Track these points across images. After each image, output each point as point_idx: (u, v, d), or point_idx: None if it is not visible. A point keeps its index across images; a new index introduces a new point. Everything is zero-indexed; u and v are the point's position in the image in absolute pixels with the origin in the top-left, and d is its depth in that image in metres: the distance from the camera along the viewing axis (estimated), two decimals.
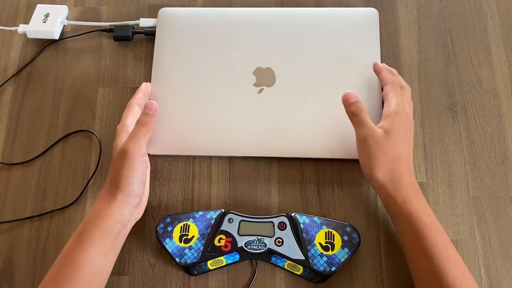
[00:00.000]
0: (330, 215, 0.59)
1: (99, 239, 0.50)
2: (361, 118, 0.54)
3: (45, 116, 0.65)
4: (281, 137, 0.60)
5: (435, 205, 0.59)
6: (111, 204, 0.51)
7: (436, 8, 0.68)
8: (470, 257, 0.56)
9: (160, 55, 0.65)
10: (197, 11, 0.67)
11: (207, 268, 0.57)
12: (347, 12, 0.66)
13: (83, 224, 0.51)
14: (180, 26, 0.66)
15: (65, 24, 0.69)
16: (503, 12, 0.68)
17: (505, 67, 0.65)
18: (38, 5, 0.69)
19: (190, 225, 0.57)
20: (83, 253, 0.49)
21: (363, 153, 0.54)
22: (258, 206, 0.60)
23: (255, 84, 0.62)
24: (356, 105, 0.54)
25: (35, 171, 0.63)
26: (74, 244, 0.50)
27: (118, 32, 0.67)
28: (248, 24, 0.65)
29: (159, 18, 0.66)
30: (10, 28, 0.69)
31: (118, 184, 0.52)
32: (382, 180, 0.52)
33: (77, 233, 0.51)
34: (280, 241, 0.55)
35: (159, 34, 0.66)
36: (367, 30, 0.64)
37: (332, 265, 0.54)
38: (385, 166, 0.52)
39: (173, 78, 0.63)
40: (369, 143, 0.53)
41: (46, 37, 0.68)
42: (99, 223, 0.50)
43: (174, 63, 0.64)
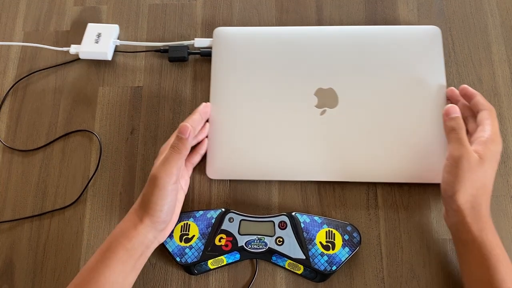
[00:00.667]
0: (331, 214, 0.59)
1: (123, 259, 0.50)
2: (460, 136, 0.52)
3: (45, 116, 0.65)
4: (345, 161, 0.58)
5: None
6: (137, 226, 0.51)
7: (436, 7, 0.68)
8: None
9: (218, 76, 0.63)
10: (253, 30, 0.65)
11: (207, 267, 0.57)
12: (409, 30, 0.64)
13: (109, 241, 0.51)
14: (237, 45, 0.64)
15: (117, 44, 0.67)
16: (503, 11, 0.68)
17: (505, 66, 0.65)
18: (89, 24, 0.67)
19: (191, 224, 0.56)
20: (106, 271, 0.49)
21: (451, 172, 0.51)
22: (258, 205, 0.60)
23: (317, 106, 0.60)
24: (457, 120, 0.53)
25: (35, 170, 0.63)
26: (99, 260, 0.50)
27: (173, 53, 0.66)
28: (306, 43, 0.63)
29: (215, 37, 0.65)
30: (61, 49, 0.67)
31: (147, 209, 0.51)
32: (463, 204, 0.50)
33: (102, 249, 0.51)
34: (281, 241, 0.55)
35: (215, 54, 0.64)
36: (430, 49, 0.62)
37: (333, 264, 0.54)
38: (470, 192, 0.50)
39: (231, 99, 0.61)
40: (462, 164, 0.50)
41: (99, 58, 0.66)
42: (124, 242, 0.50)
43: (232, 84, 0.62)
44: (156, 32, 0.69)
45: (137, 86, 0.66)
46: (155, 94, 0.66)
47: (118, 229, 0.52)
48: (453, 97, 0.60)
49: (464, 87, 0.58)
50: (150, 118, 0.64)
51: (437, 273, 0.56)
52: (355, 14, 0.69)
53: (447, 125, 0.54)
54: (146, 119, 0.64)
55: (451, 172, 0.51)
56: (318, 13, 0.69)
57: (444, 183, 0.53)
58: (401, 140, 0.58)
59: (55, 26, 0.70)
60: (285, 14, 0.69)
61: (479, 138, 0.53)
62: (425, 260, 0.57)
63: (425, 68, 0.61)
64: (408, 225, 0.58)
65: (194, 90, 0.65)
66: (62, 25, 0.70)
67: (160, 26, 0.69)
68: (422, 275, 0.56)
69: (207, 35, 0.68)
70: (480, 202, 0.51)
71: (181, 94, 0.65)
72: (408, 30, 0.64)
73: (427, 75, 0.61)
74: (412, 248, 0.57)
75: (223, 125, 0.60)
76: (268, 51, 0.63)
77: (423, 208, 0.59)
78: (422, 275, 0.56)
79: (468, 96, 0.58)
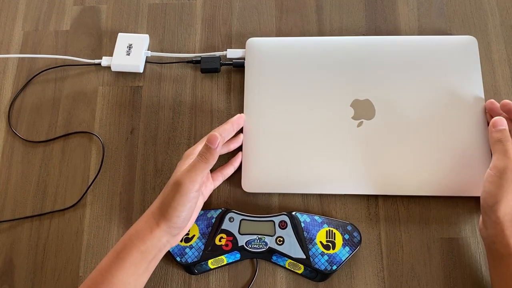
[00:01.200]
0: (331, 213, 0.59)
1: (136, 261, 0.50)
2: (506, 147, 0.52)
3: (45, 115, 0.65)
4: (383, 173, 0.58)
5: None
6: (153, 229, 0.50)
7: (436, 7, 0.68)
8: (471, 255, 0.56)
9: (251, 87, 0.62)
10: (286, 40, 0.65)
11: (207, 267, 0.56)
12: (445, 40, 0.63)
13: (123, 242, 0.51)
14: (270, 56, 0.63)
15: (148, 55, 0.67)
16: (503, 10, 0.68)
17: (505, 66, 0.65)
18: (120, 34, 0.67)
19: None
20: (119, 273, 0.49)
21: (494, 183, 0.51)
22: (258, 205, 0.60)
23: (353, 117, 0.60)
24: (504, 132, 0.53)
25: (35, 170, 0.63)
26: (112, 262, 0.50)
27: (206, 64, 0.65)
28: (341, 54, 0.63)
29: (248, 48, 0.64)
30: (93, 61, 0.66)
31: (165, 213, 0.50)
32: (503, 216, 0.50)
33: (116, 250, 0.50)
34: (281, 240, 0.55)
35: (248, 65, 0.63)
36: (467, 60, 0.62)
37: (333, 263, 0.54)
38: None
39: (266, 111, 0.61)
40: (507, 175, 0.50)
41: (131, 70, 0.66)
42: (139, 244, 0.50)
43: (266, 95, 0.61)
44: (156, 32, 0.69)
45: (137, 86, 0.66)
46: (154, 94, 0.65)
47: (133, 230, 0.51)
48: (494, 110, 0.59)
49: (507, 103, 0.58)
50: (150, 118, 0.64)
51: (437, 273, 0.56)
52: (355, 14, 0.69)
53: (493, 136, 0.54)
54: (145, 119, 0.64)
55: (494, 182, 0.51)
56: (318, 12, 0.69)
57: (486, 192, 0.52)
58: (437, 152, 0.58)
59: (55, 25, 0.70)
60: (285, 14, 0.69)
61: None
62: (426, 260, 0.57)
63: (462, 79, 0.61)
64: (409, 225, 0.58)
65: (227, 101, 0.65)
66: (62, 24, 0.70)
67: (160, 25, 0.69)
68: (422, 274, 0.56)
69: (207, 34, 0.68)
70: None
71: (215, 105, 0.65)
72: (445, 40, 0.64)
73: (464, 86, 0.61)
74: (413, 248, 0.57)
75: (258, 137, 0.60)
76: (302, 61, 0.63)
77: (423, 207, 0.59)
78: (423, 274, 0.56)
79: (506, 110, 0.57)
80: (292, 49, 0.64)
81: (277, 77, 0.62)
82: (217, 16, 0.70)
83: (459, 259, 0.56)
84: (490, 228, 0.52)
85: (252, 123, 0.61)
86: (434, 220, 0.58)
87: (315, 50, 0.64)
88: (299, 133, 0.60)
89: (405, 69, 0.62)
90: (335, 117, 0.60)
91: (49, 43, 0.69)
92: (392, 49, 0.63)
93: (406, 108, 0.60)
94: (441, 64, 0.62)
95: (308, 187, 0.59)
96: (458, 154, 0.58)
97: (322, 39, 0.65)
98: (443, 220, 0.58)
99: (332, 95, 0.61)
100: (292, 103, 0.61)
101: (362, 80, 0.62)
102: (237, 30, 0.69)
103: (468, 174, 0.56)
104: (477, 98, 0.60)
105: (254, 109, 0.61)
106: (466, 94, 0.60)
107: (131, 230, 0.51)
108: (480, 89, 0.61)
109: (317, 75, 0.62)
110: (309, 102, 0.61)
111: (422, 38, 0.65)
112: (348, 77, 0.62)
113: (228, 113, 0.64)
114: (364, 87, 0.61)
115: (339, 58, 0.63)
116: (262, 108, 0.61)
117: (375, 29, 0.68)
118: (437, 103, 0.60)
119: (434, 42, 0.64)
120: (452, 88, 0.61)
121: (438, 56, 0.62)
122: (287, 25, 0.68)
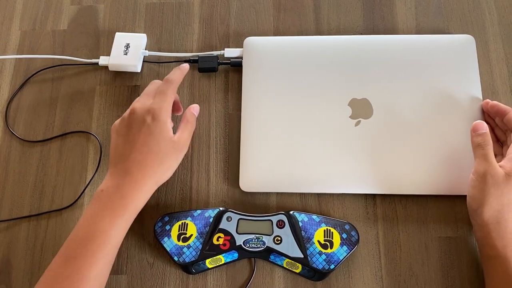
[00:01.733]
0: (329, 213, 0.59)
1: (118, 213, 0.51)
2: (486, 152, 0.52)
3: (42, 115, 0.65)
4: (382, 172, 0.58)
5: None
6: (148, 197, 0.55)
7: (434, 5, 0.68)
8: (469, 254, 0.56)
9: (249, 87, 0.62)
10: (284, 39, 0.65)
11: (205, 266, 0.56)
12: (443, 39, 0.64)
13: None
14: (268, 55, 0.63)
15: (146, 55, 0.66)
16: (501, 9, 0.68)
17: (503, 65, 0.65)
18: (117, 34, 0.66)
19: (188, 223, 0.56)
20: (107, 223, 0.50)
21: (477, 187, 0.52)
22: (256, 204, 0.60)
23: (351, 116, 0.60)
24: (484, 137, 0.53)
25: (32, 170, 0.62)
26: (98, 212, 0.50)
27: (203, 63, 0.65)
28: (339, 53, 0.63)
29: (245, 47, 0.64)
30: (90, 61, 0.66)
31: (162, 178, 0.55)
32: (487, 219, 0.51)
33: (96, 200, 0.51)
34: (279, 239, 0.55)
35: (246, 65, 0.64)
36: (465, 59, 0.62)
37: (331, 263, 0.54)
38: (495, 208, 0.50)
39: (263, 110, 0.61)
40: (487, 180, 0.51)
41: (128, 70, 0.65)
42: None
43: (263, 95, 0.61)
44: (154, 31, 0.69)
45: (135, 86, 0.66)
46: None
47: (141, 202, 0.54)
48: (489, 110, 0.59)
49: (495, 104, 0.58)
50: None
51: (435, 272, 0.56)
52: (352, 13, 0.69)
53: (473, 141, 0.54)
54: None
55: (476, 187, 0.52)
56: (315, 11, 0.69)
57: (470, 197, 0.53)
58: (435, 151, 0.58)
59: (52, 25, 0.70)
60: (283, 13, 0.69)
61: (509, 155, 0.53)
62: (424, 259, 0.57)
63: (460, 78, 0.61)
64: (406, 224, 0.58)
65: (225, 100, 0.65)
66: (59, 24, 0.70)
67: (158, 25, 0.69)
68: (420, 273, 0.56)
69: (205, 34, 0.68)
70: (506, 218, 0.50)
71: (213, 104, 0.65)
72: (442, 39, 0.64)
73: (462, 85, 0.61)
74: (410, 247, 0.57)
75: (256, 137, 0.60)
76: (299, 60, 0.63)
77: (421, 206, 0.59)
78: (421, 273, 0.56)
79: (500, 113, 0.57)
80: (290, 48, 0.64)
81: (274, 76, 0.62)
82: (215, 15, 0.69)
83: (457, 258, 0.56)
84: (478, 231, 0.53)
85: (250, 122, 0.61)
86: (432, 219, 0.58)
87: (312, 49, 0.63)
88: (297, 132, 0.60)
89: (403, 68, 0.62)
90: (333, 116, 0.60)
91: (46, 43, 0.69)
92: (390, 48, 0.63)
93: (404, 107, 0.60)
94: (439, 63, 0.62)
95: (306, 186, 0.58)
96: (455, 153, 0.58)
97: (320, 38, 0.65)
98: (440, 219, 0.58)
99: (330, 94, 0.61)
100: (290, 102, 0.61)
101: (360, 79, 0.61)
102: (234, 29, 0.68)
103: (466, 173, 0.56)
104: (474, 97, 0.60)
105: (252, 108, 0.61)
106: (464, 93, 0.60)
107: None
108: (478, 88, 0.61)
109: (315, 74, 0.62)
110: (306, 101, 0.61)
111: (420, 37, 0.65)
112: (346, 76, 0.62)
113: (226, 112, 0.64)
114: (362, 86, 0.61)
115: (336, 57, 0.63)
116: (260, 107, 0.61)
117: (372, 28, 0.68)
118: (435, 102, 0.60)
119: (432, 41, 0.64)
120: (450, 87, 0.61)
121: (436, 55, 0.62)
122: (284, 24, 0.68)
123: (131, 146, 0.53)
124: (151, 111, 0.53)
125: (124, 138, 0.53)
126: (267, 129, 0.60)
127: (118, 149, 0.53)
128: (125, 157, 0.52)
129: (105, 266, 0.49)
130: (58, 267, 0.48)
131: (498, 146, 0.58)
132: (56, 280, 0.47)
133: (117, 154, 0.53)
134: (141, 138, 0.53)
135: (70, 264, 0.48)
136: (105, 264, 0.49)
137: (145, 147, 0.52)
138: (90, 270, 0.48)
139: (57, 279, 0.47)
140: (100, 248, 0.49)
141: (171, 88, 0.56)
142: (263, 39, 0.65)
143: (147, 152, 0.52)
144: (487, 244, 0.51)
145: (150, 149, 0.52)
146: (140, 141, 0.52)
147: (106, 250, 0.49)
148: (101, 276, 0.49)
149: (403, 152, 0.58)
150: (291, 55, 0.63)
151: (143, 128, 0.53)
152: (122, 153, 0.53)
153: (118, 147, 0.54)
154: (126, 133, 0.53)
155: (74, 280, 0.47)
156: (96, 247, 0.49)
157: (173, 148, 0.54)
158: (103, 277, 0.50)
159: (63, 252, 0.49)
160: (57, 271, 0.48)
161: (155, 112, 0.53)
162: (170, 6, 0.70)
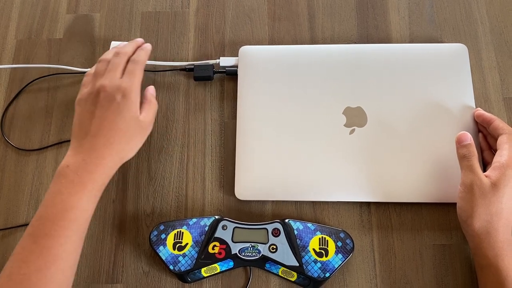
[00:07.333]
0: (324, 221, 0.59)
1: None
2: (471, 163, 0.53)
3: (38, 123, 0.65)
4: (376, 180, 0.58)
5: None
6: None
7: (427, 15, 0.69)
8: (463, 261, 0.57)
9: (244, 95, 0.62)
10: (279, 48, 0.65)
11: (201, 275, 0.56)
12: (436, 48, 0.64)
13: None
14: (263, 64, 0.64)
15: None
16: (493, 18, 0.68)
17: (495, 73, 0.65)
18: (113, 42, 0.67)
19: (184, 232, 0.56)
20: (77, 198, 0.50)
21: (464, 198, 0.52)
22: (252, 212, 0.60)
23: (345, 125, 0.60)
24: (469, 148, 0.53)
25: (27, 179, 0.62)
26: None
27: (199, 72, 0.65)
28: (333, 61, 0.63)
29: (240, 56, 0.64)
30: (86, 69, 0.66)
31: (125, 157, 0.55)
32: (477, 229, 0.51)
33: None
34: (274, 248, 0.55)
35: (241, 73, 0.64)
36: (458, 67, 0.62)
37: (326, 271, 0.54)
38: (484, 218, 0.51)
39: (259, 118, 0.61)
40: (474, 191, 0.51)
41: None
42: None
43: (259, 103, 0.62)
44: (149, 40, 0.69)
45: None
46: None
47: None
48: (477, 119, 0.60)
49: (481, 114, 0.58)
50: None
51: (430, 279, 0.56)
52: (346, 22, 0.69)
53: (459, 153, 0.55)
54: None
55: (464, 198, 0.52)
56: (310, 20, 0.69)
57: (459, 208, 0.53)
58: (429, 159, 0.58)
59: (48, 34, 0.70)
60: (278, 22, 0.69)
61: (495, 163, 0.53)
62: (418, 266, 0.57)
63: (453, 86, 0.61)
64: (401, 231, 0.58)
65: (221, 109, 0.65)
66: (55, 33, 0.70)
67: (153, 34, 0.70)
68: (415, 281, 0.56)
69: (200, 42, 0.69)
70: (496, 227, 0.50)
71: (208, 113, 0.65)
72: (436, 47, 0.64)
73: (455, 93, 0.61)
74: (405, 254, 0.57)
75: (251, 145, 0.60)
76: (294, 69, 0.63)
77: (416, 214, 0.59)
78: (415, 281, 0.56)
79: (486, 122, 0.58)
80: (285, 57, 0.64)
81: (269, 85, 0.63)
82: (210, 24, 0.70)
83: (451, 265, 0.57)
84: (469, 241, 0.53)
85: (245, 130, 0.61)
86: (426, 227, 0.58)
87: (307, 58, 0.64)
88: (292, 140, 0.60)
89: (397, 77, 0.62)
90: (327, 124, 0.60)
91: (42, 52, 0.69)
92: (384, 57, 0.64)
93: (398, 116, 0.60)
94: (432, 71, 0.62)
95: (301, 194, 0.59)
96: (449, 160, 0.58)
97: (314, 47, 0.66)
98: (435, 227, 0.58)
99: (325, 102, 0.61)
100: (285, 111, 0.61)
101: (354, 87, 0.62)
102: (230, 38, 0.69)
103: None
104: (467, 105, 0.61)
105: (247, 117, 0.62)
106: (457, 101, 0.61)
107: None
108: (470, 97, 0.61)
109: (310, 82, 0.62)
110: (301, 109, 0.61)
111: (413, 46, 0.65)
112: (340, 84, 0.62)
113: (221, 120, 0.64)
114: (356, 95, 0.62)
115: (331, 66, 0.63)
116: (255, 116, 0.61)
117: (366, 37, 0.68)
118: (429, 111, 0.61)
119: (425, 50, 0.64)
120: (443, 95, 0.61)
121: (429, 64, 0.63)
122: (279, 33, 0.69)
123: (99, 123, 0.52)
124: (121, 90, 0.53)
125: (90, 114, 0.53)
126: (262, 138, 0.60)
127: (83, 125, 0.53)
128: (91, 134, 0.52)
129: (77, 243, 0.49)
130: (28, 246, 0.48)
131: (491, 154, 0.58)
132: (28, 258, 0.47)
133: (82, 130, 0.53)
134: (109, 116, 0.52)
135: (41, 243, 0.47)
136: (77, 240, 0.49)
137: (114, 124, 0.52)
138: (64, 246, 0.47)
139: (29, 257, 0.47)
140: (71, 224, 0.48)
141: (139, 68, 0.56)
142: (258, 48, 0.66)
143: (116, 130, 0.52)
144: (479, 254, 0.52)
145: (118, 127, 0.52)
146: (108, 119, 0.52)
147: (77, 226, 0.49)
148: (74, 253, 0.49)
149: (397, 160, 0.59)
150: (286, 64, 0.64)
151: (112, 106, 0.53)
152: (88, 129, 0.52)
153: (83, 123, 0.53)
154: (93, 110, 0.53)
155: (48, 259, 0.47)
156: (68, 223, 0.48)
157: (140, 127, 0.54)
158: (77, 254, 0.50)
159: (31, 232, 0.48)
160: (29, 249, 0.47)
161: (126, 91, 0.53)
162: (166, 15, 0.71)
